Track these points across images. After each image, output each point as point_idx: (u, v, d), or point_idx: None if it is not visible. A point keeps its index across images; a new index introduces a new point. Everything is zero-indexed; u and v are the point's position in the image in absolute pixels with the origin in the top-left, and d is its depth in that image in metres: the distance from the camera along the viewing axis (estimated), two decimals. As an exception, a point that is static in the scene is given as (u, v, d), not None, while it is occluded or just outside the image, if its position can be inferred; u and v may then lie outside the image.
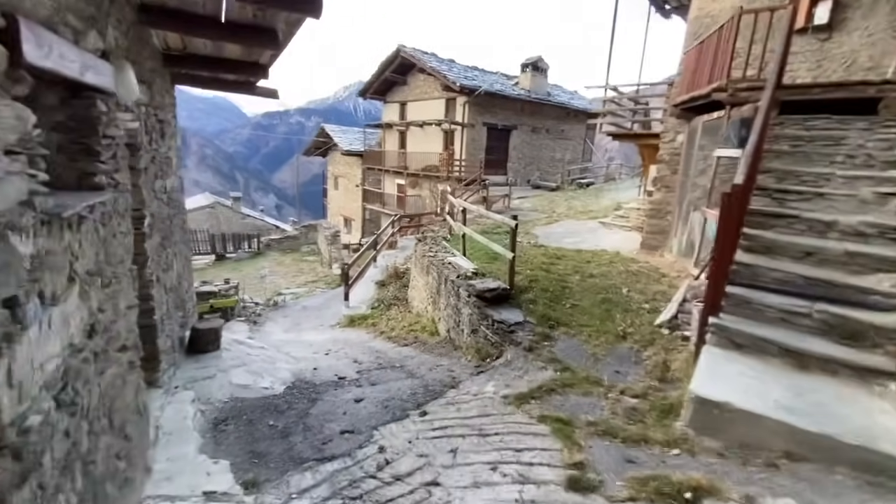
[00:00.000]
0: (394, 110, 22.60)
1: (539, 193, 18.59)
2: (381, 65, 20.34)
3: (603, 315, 5.32)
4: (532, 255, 8.11)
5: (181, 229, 5.04)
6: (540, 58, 20.90)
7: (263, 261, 19.29)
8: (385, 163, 22.43)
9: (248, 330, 8.98)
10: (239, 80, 5.33)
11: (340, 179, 29.27)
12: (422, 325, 7.32)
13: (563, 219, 12.80)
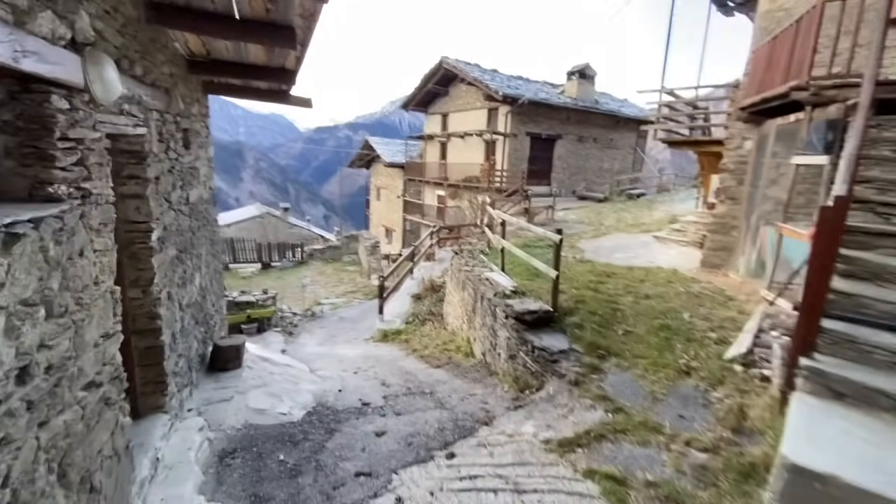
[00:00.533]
0: (436, 122, 22.54)
1: (585, 205, 17.74)
2: (423, 77, 20.36)
3: (661, 344, 4.66)
4: (578, 271, 7.49)
5: (209, 241, 4.92)
6: (587, 65, 20.16)
7: (306, 270, 19.59)
8: (426, 174, 22.34)
9: (282, 341, 8.89)
10: (272, 89, 5.20)
11: (383, 191, 29.56)
12: (456, 345, 6.87)
13: (612, 232, 11.99)
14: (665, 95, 8.97)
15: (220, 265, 5.36)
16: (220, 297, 5.34)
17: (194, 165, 4.17)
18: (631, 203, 17.60)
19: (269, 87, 5.16)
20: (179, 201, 3.56)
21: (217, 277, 5.23)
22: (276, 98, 5.38)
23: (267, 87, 5.16)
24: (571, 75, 20.28)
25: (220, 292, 5.38)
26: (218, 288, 5.27)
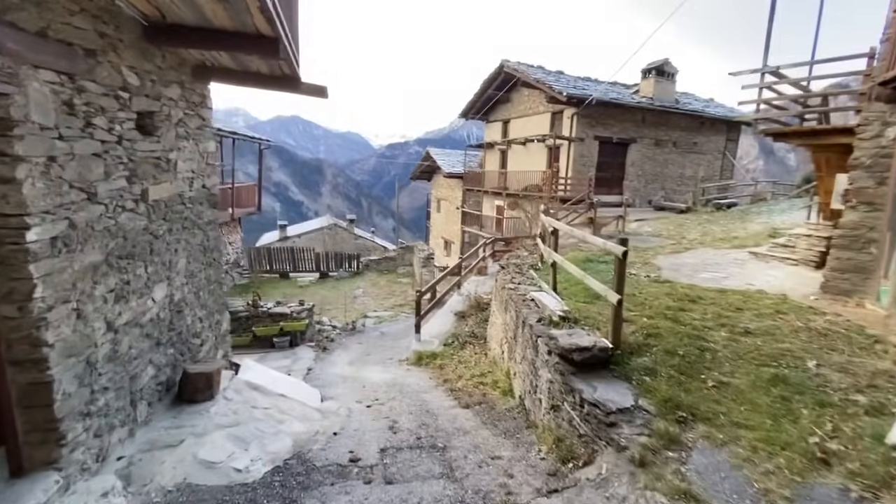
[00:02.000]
0: (496, 129, 21.53)
1: (663, 216, 15.65)
2: (483, 83, 19.50)
3: (776, 408, 3.19)
4: (652, 294, 6.00)
5: (201, 248, 4.27)
6: (666, 61, 18.07)
7: (361, 281, 19.34)
8: (484, 184, 21.32)
9: (313, 358, 8.26)
10: (274, 74, 4.52)
11: (443, 202, 29.01)
12: (494, 379, 5.69)
13: (697, 246, 10.10)
14: (768, 76, 7.19)
15: (217, 275, 4.72)
16: (215, 313, 4.69)
17: (165, 157, 3.51)
18: (720, 214, 15.22)
19: (271, 72, 4.47)
20: (120, 196, 2.87)
21: (211, 290, 4.58)
22: (284, 85, 4.69)
23: (269, 72, 4.48)
24: (647, 73, 18.29)
25: (217, 307, 4.73)
26: (213, 302, 4.62)
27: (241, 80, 4.55)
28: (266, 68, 4.36)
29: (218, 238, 4.73)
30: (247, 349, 8.35)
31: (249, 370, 5.15)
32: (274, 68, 4.37)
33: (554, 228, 5.91)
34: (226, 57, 3.99)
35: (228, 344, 5.11)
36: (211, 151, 4.54)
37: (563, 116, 16.81)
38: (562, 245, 11.16)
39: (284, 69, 4.33)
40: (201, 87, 4.31)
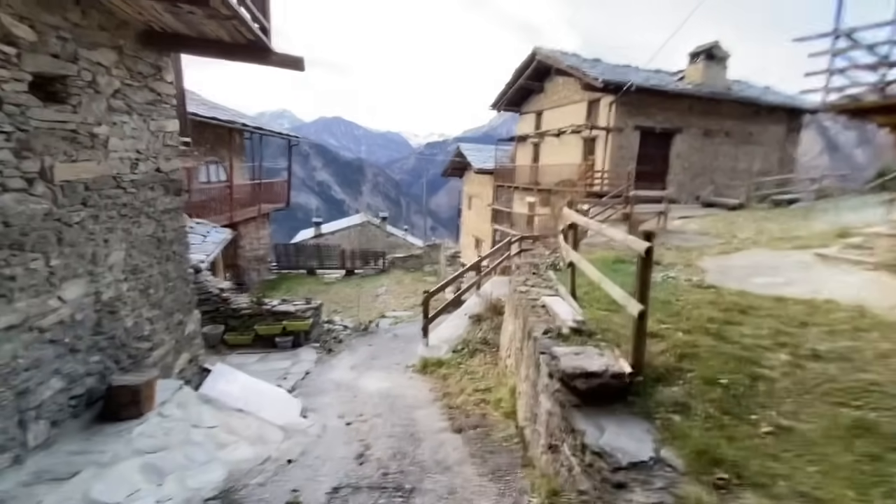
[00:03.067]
0: (529, 121, 20.45)
1: (712, 213, 14.15)
2: (515, 72, 18.51)
3: (861, 470, 2.25)
4: (692, 301, 5.01)
5: (154, 241, 3.75)
6: (716, 43, 16.38)
7: (385, 279, 18.91)
8: (515, 179, 20.31)
9: (314, 361, 7.75)
10: (238, 43, 3.93)
11: (474, 199, 28.18)
12: (497, 398, 4.90)
13: (750, 247, 8.82)
14: (842, 41, 5.93)
15: (180, 270, 4.21)
16: (175, 313, 4.18)
17: (87, 131, 2.98)
18: (778, 211, 13.56)
19: (234, 40, 3.90)
20: (9, 173, 2.34)
21: (170, 287, 4.07)
22: (253, 56, 4.11)
23: (232, 40, 3.90)
24: (695, 57, 16.67)
25: (178, 306, 4.22)
26: (172, 301, 4.11)
27: (201, 50, 4.00)
28: (226, 35, 3.79)
29: (181, 229, 4.22)
30: (248, 348, 7.96)
31: (221, 377, 4.63)
32: (235, 35, 3.78)
33: (573, 223, 5.02)
34: (170, 18, 3.43)
35: (198, 347, 4.62)
36: (169, 131, 4.03)
37: (600, 105, 15.58)
38: (592, 243, 10.15)
39: (245, 34, 3.73)
40: (154, 57, 3.79)
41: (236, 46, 3.99)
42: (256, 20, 3.89)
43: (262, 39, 3.91)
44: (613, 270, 6.53)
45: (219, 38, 3.85)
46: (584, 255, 7.71)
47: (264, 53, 4.08)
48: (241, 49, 4.01)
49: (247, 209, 16.68)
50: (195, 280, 8.18)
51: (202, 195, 14.66)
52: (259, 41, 3.90)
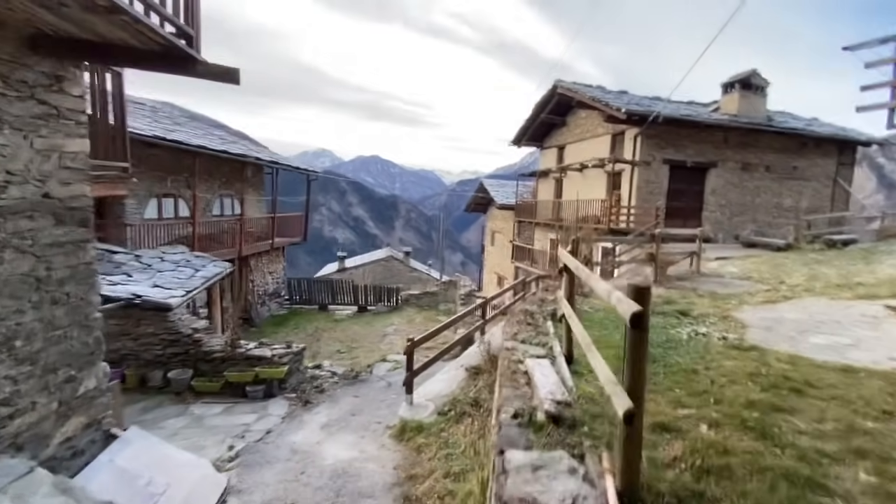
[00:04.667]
0: (551, 156, 19.67)
1: (754, 253, 12.65)
2: (535, 106, 17.94)
3: None
4: (725, 371, 3.85)
5: (30, 280, 3.05)
6: (753, 72, 15.28)
7: (397, 317, 17.99)
8: (537, 215, 19.36)
9: (284, 414, 6.84)
10: (154, 51, 3.34)
11: (497, 235, 27.36)
12: (468, 491, 3.80)
13: (802, 295, 7.45)
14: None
15: (74, 317, 3.49)
16: (62, 369, 3.42)
17: None
18: (833, 253, 11.94)
19: (145, 46, 3.30)
20: None
21: (54, 338, 3.34)
22: (175, 66, 3.50)
23: (142, 46, 3.30)
24: (730, 87, 15.58)
25: (70, 359, 3.47)
26: (59, 354, 3.36)
27: (109, 58, 3.43)
28: (132, 39, 3.19)
29: (82, 267, 3.53)
30: (216, 396, 7.17)
31: (127, 447, 3.80)
32: (143, 39, 3.18)
33: (565, 266, 4.04)
34: (52, 17, 2.84)
35: (102, 408, 3.82)
36: (71, 151, 3.42)
37: (625, 138, 14.63)
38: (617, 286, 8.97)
39: (152, 37, 3.11)
40: (51, 66, 3.24)
41: (151, 54, 3.39)
42: (172, 23, 3.29)
43: (179, 46, 3.29)
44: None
45: (126, 43, 3.26)
46: (599, 300, 6.59)
47: (187, 63, 3.46)
48: (158, 57, 3.41)
49: (259, 243, 16.44)
50: (167, 319, 7.62)
51: (211, 228, 14.50)
52: (175, 48, 3.28)
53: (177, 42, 3.26)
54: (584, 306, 6.50)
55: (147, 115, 13.22)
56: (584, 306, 6.49)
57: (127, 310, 7.25)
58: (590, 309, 6.36)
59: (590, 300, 7.22)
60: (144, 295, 7.42)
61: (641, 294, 1.89)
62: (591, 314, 6.03)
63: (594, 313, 6.09)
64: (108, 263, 9.14)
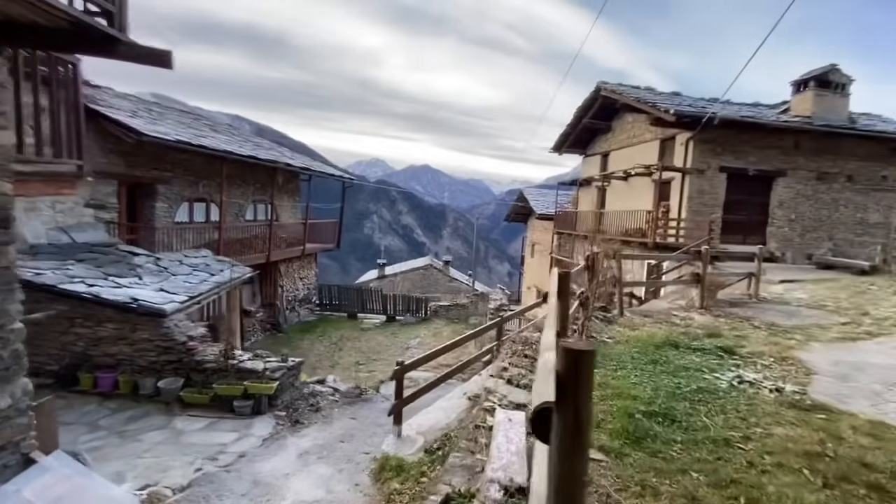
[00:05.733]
0: (594, 164, 18.35)
1: (830, 277, 10.83)
2: (577, 110, 16.77)
3: None
4: (772, 446, 2.80)
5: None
6: (832, 67, 13.29)
7: (424, 329, 17.35)
8: (577, 226, 18.07)
9: (266, 435, 6.33)
10: (62, 29, 2.90)
11: (537, 246, 26.15)
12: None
13: (893, 332, 5.99)
14: None
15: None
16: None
17: None
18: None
19: (53, 24, 2.86)
20: None
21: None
22: (91, 47, 3.07)
23: (50, 24, 2.87)
24: (802, 85, 13.66)
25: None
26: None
27: (9, 38, 3.02)
28: (31, 14, 2.75)
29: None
30: (205, 409, 6.80)
31: (44, 475, 3.36)
32: (47, 16, 2.74)
33: (545, 293, 3.19)
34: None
35: (21, 429, 3.41)
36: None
37: (675, 143, 13.20)
38: (647, 311, 7.77)
39: (55, 14, 2.66)
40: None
41: (64, 33, 2.95)
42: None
43: (93, 24, 2.82)
44: (653, 362, 4.40)
45: (28, 20, 2.84)
46: (626, 328, 5.57)
47: (106, 43, 3.00)
48: (72, 37, 2.97)
49: (290, 248, 16.46)
50: (162, 325, 7.41)
51: (241, 232, 14.63)
52: (89, 27, 2.82)
53: (87, 20, 2.79)
54: (603, 335, 5.49)
55: (186, 122, 13.60)
56: (604, 336, 5.48)
57: (124, 314, 7.10)
58: (610, 339, 5.35)
59: (614, 327, 6.17)
60: (141, 299, 7.25)
61: (571, 369, 1.06)
62: (609, 347, 5.03)
63: (613, 346, 5.08)
64: (125, 265, 9.19)
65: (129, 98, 12.84)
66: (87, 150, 4.32)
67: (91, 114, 9.79)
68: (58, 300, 7.03)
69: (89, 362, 7.13)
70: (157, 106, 14.04)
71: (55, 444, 3.84)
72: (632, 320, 6.66)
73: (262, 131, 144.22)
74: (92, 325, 7.11)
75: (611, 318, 6.68)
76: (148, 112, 11.96)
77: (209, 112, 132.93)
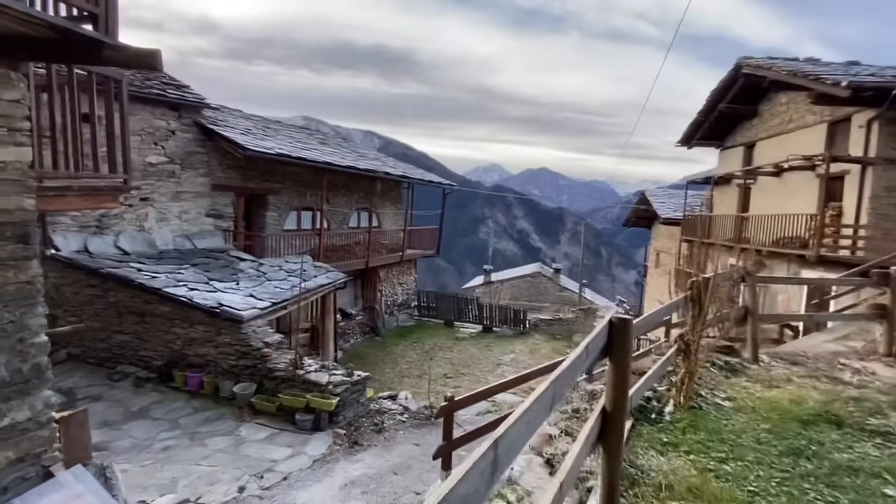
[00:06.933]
0: (734, 158, 15.12)
1: None
2: (711, 95, 13.93)
3: None
4: None
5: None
6: None
7: (521, 343, 16.17)
8: (711, 233, 15.07)
9: (319, 456, 6.09)
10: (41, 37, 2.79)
11: (662, 255, 22.94)
12: None
13: None
14: None
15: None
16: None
17: None
18: None
19: (40, 35, 2.76)
20: None
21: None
22: (78, 55, 2.93)
23: (38, 35, 2.78)
24: None
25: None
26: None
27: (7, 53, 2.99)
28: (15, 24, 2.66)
29: (6, 287, 3.21)
30: (271, 418, 6.86)
31: (56, 491, 3.38)
32: (30, 27, 2.63)
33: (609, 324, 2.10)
34: None
35: (39, 441, 3.48)
36: (2, 161, 3.11)
37: (851, 126, 10.03)
38: (792, 354, 5.65)
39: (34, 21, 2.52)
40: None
41: (52, 43, 2.84)
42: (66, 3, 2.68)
43: (70, 29, 2.65)
44: (793, 453, 2.92)
45: (15, 31, 2.76)
46: (757, 384, 4.04)
47: (92, 49, 2.82)
48: (59, 46, 2.84)
49: (390, 254, 16.80)
50: (240, 330, 7.73)
51: (343, 239, 15.30)
52: (70, 32, 2.65)
53: (69, 25, 2.62)
54: (718, 395, 3.97)
55: (297, 138, 14.71)
56: (720, 395, 3.96)
57: (211, 318, 7.56)
58: (727, 403, 3.82)
59: (740, 380, 4.51)
60: (225, 304, 7.65)
61: None
62: (723, 415, 3.55)
63: (731, 414, 3.58)
64: (229, 270, 10.00)
65: (252, 118, 14.28)
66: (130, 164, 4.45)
67: (211, 133, 10.95)
68: (163, 302, 7.77)
69: (184, 361, 7.75)
70: (276, 124, 15.43)
71: (87, 456, 3.90)
72: (770, 370, 4.86)
73: (390, 144, 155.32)
74: (186, 327, 7.71)
75: (737, 364, 4.95)
76: (262, 130, 13.10)
77: (346, 129, 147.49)
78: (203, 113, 11.07)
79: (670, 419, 3.37)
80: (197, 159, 10.86)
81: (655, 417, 3.38)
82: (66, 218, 8.54)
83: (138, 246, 9.50)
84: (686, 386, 3.66)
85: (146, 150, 9.85)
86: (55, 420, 3.62)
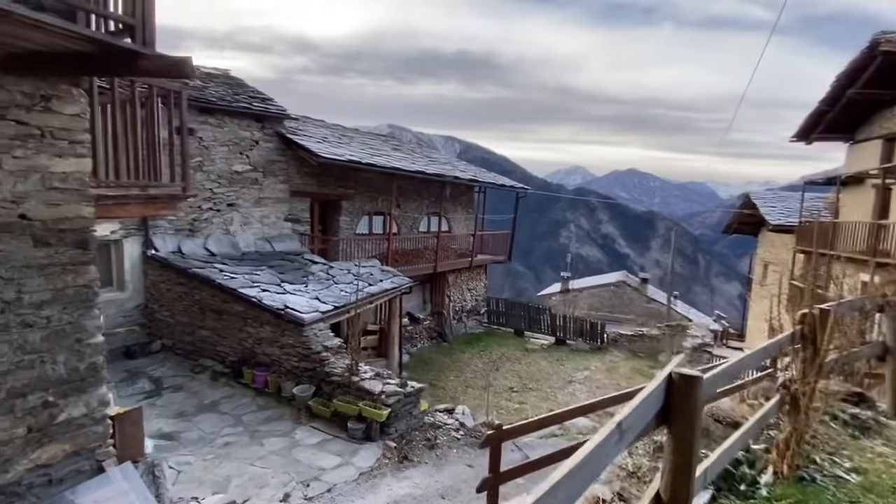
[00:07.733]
0: (868, 154, 12.55)
1: None
2: (837, 79, 11.65)
3: None
4: None
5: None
6: None
7: (597, 360, 14.96)
8: (837, 243, 12.69)
9: (365, 470, 5.96)
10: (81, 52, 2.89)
11: (770, 268, 20.04)
12: None
13: None
14: None
15: (49, 341, 3.39)
16: (31, 395, 3.32)
17: None
18: None
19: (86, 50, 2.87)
20: None
21: (24, 363, 3.27)
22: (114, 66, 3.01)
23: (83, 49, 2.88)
24: None
25: (46, 384, 3.37)
26: (28, 379, 3.29)
27: (59, 68, 3.14)
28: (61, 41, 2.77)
29: (69, 291, 3.41)
30: (326, 423, 6.87)
31: (102, 487, 3.54)
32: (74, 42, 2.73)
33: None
34: None
35: (94, 437, 3.66)
36: (62, 171, 3.32)
37: None
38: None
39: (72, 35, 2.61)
40: (31, 85, 3.16)
41: (96, 57, 2.93)
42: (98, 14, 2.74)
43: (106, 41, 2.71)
44: None
45: (63, 48, 2.88)
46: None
47: (127, 60, 2.88)
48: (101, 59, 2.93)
49: (459, 260, 16.57)
50: (302, 333, 7.89)
51: (412, 244, 15.37)
52: (107, 45, 2.72)
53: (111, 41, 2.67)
54: (843, 463, 3.05)
55: (370, 144, 15.09)
56: (844, 463, 3.04)
57: (277, 319, 7.84)
58: (851, 474, 2.92)
59: (872, 441, 3.48)
60: (290, 306, 7.88)
61: None
62: (846, 491, 2.70)
63: (859, 494, 2.71)
64: (301, 272, 10.41)
65: (331, 127, 14.92)
66: (189, 174, 4.63)
67: (290, 142, 11.53)
68: (237, 301, 8.23)
69: (254, 359, 8.12)
70: (352, 132, 15.99)
71: (140, 453, 4.07)
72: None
73: (470, 148, 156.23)
74: (257, 326, 8.08)
75: (870, 419, 3.85)
76: (338, 139, 13.59)
77: (427, 136, 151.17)
78: (284, 123, 11.72)
79: (767, 494, 2.60)
80: (277, 167, 11.51)
81: (746, 490, 2.63)
82: (164, 222, 9.47)
83: (224, 248, 10.26)
84: (792, 449, 2.84)
85: (233, 160, 10.64)
86: (110, 417, 3.80)
